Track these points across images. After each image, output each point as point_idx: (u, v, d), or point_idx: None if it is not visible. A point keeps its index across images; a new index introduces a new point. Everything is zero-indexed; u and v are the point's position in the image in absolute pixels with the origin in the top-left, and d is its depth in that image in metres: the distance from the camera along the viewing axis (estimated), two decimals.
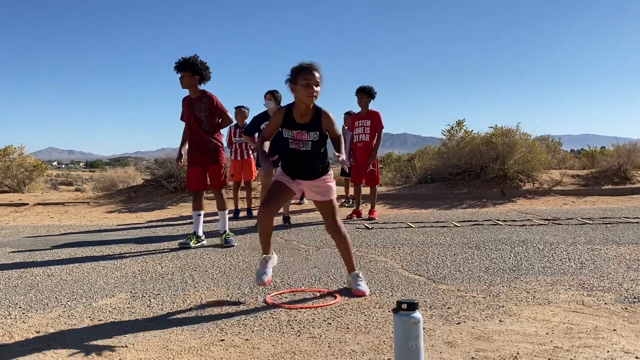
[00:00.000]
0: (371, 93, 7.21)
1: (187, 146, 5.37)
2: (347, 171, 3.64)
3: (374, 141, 7.16)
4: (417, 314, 1.96)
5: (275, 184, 3.40)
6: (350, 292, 3.41)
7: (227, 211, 5.50)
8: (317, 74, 3.20)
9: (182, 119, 5.41)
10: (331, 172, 3.49)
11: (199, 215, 5.40)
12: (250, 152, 8.04)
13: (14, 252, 5.22)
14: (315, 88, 3.19)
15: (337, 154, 3.39)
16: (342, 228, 3.42)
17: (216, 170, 5.35)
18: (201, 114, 5.24)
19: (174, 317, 3.00)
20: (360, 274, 3.48)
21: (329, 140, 3.46)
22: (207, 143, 5.30)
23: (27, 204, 9.63)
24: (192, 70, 5.17)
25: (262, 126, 6.86)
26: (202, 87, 5.30)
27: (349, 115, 8.61)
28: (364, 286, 3.39)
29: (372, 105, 7.29)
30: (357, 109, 7.53)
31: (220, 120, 5.39)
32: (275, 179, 3.45)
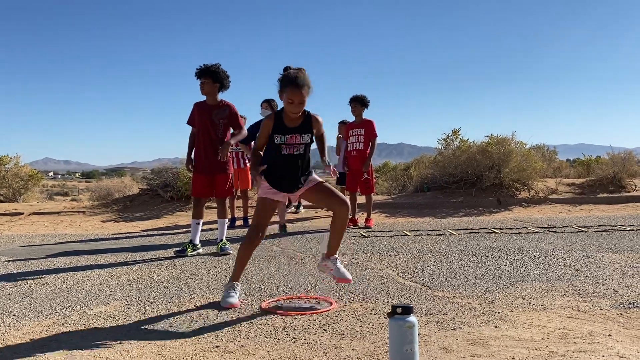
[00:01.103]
0: (364, 102, 7.25)
1: (194, 151, 5.39)
2: (334, 177, 3.64)
3: (368, 150, 7.19)
4: (412, 318, 1.97)
5: (262, 204, 3.37)
6: (344, 299, 3.41)
7: (226, 220, 5.51)
8: (302, 91, 3.18)
9: (190, 123, 5.40)
10: (314, 174, 3.48)
11: (198, 223, 5.38)
12: (247, 161, 8.05)
13: (9, 260, 5.19)
14: (298, 106, 3.22)
15: (325, 164, 3.47)
16: (347, 202, 3.37)
17: (223, 180, 5.36)
18: (220, 121, 5.29)
19: (169, 324, 2.99)
20: (340, 259, 3.46)
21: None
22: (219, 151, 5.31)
23: (23, 213, 9.60)
24: (213, 78, 5.22)
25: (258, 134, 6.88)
26: (220, 95, 5.36)
27: (343, 124, 8.64)
28: (346, 272, 3.39)
29: (366, 114, 7.33)
30: (351, 118, 7.58)
31: (234, 132, 5.46)
32: (261, 196, 3.40)
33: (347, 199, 3.44)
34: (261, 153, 3.43)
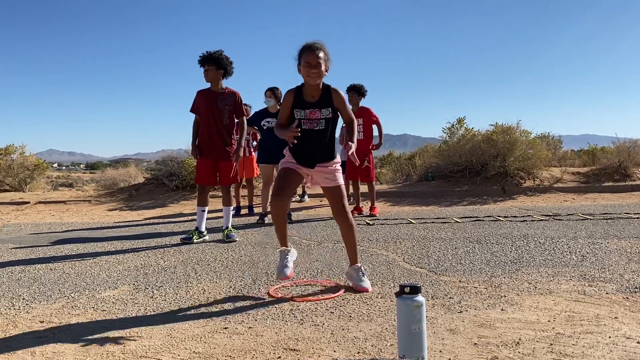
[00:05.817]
0: (361, 91, 7.26)
1: (199, 139, 5.41)
2: (348, 153, 3.44)
3: (369, 138, 7.27)
4: (420, 297, 1.98)
5: (283, 172, 3.35)
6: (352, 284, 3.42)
7: (231, 207, 5.53)
8: (319, 54, 3.16)
9: (193, 111, 5.41)
10: (338, 157, 3.47)
11: (203, 211, 5.41)
12: (253, 149, 8.06)
13: (17, 248, 5.23)
14: (314, 69, 3.16)
15: (347, 142, 3.23)
16: (349, 214, 3.37)
17: (227, 167, 5.38)
18: (225, 107, 5.32)
19: (178, 307, 3.01)
20: (363, 268, 3.40)
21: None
22: (224, 138, 5.34)
23: (29, 202, 9.64)
24: (217, 64, 5.23)
25: (263, 122, 6.88)
26: (224, 82, 5.38)
27: None
28: (367, 282, 3.31)
29: (370, 105, 7.38)
30: None
31: (238, 126, 5.50)
32: (281, 166, 3.39)
33: (350, 213, 3.39)
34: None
